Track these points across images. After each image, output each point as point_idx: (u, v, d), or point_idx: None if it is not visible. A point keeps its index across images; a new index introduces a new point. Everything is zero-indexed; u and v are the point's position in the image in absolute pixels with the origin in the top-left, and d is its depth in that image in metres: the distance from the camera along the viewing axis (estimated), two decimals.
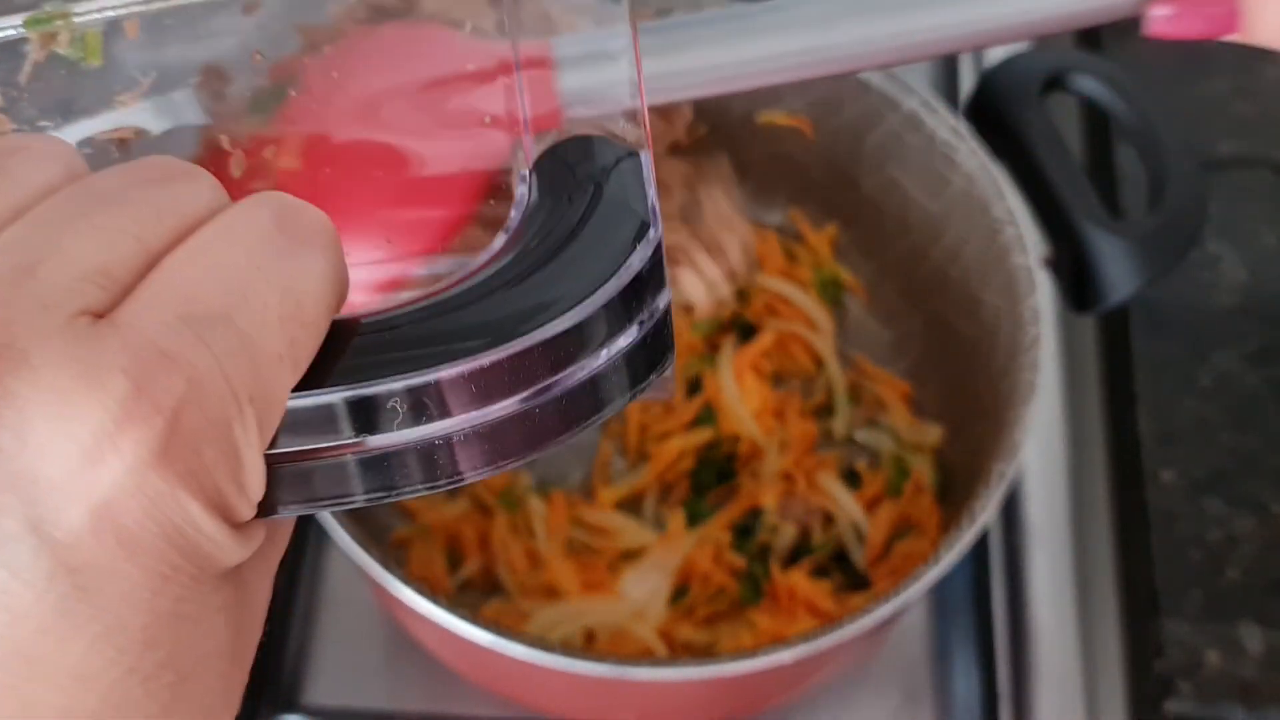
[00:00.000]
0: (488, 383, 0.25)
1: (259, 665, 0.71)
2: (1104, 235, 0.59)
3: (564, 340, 0.25)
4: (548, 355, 0.25)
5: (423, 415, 0.25)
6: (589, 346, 0.26)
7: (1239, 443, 0.68)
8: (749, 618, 0.62)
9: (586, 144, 0.29)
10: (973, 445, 0.62)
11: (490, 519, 0.65)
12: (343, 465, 0.25)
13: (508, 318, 0.25)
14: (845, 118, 0.66)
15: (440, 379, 0.25)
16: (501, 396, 0.25)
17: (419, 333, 0.26)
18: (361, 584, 0.68)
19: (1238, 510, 0.66)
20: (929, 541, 0.63)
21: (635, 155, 0.28)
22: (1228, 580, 0.64)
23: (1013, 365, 0.59)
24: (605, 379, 0.26)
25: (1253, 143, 0.76)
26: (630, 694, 0.57)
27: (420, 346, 0.25)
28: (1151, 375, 0.70)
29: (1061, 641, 0.67)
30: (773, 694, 0.62)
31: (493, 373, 0.25)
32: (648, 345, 0.27)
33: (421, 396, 0.25)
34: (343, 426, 0.25)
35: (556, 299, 0.26)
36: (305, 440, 0.25)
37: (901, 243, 0.69)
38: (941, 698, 0.67)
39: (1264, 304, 0.72)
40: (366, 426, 0.25)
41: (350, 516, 0.54)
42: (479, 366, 0.25)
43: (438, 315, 0.26)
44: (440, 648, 0.61)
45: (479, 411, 0.25)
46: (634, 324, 0.26)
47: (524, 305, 0.26)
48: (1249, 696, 0.61)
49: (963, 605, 0.68)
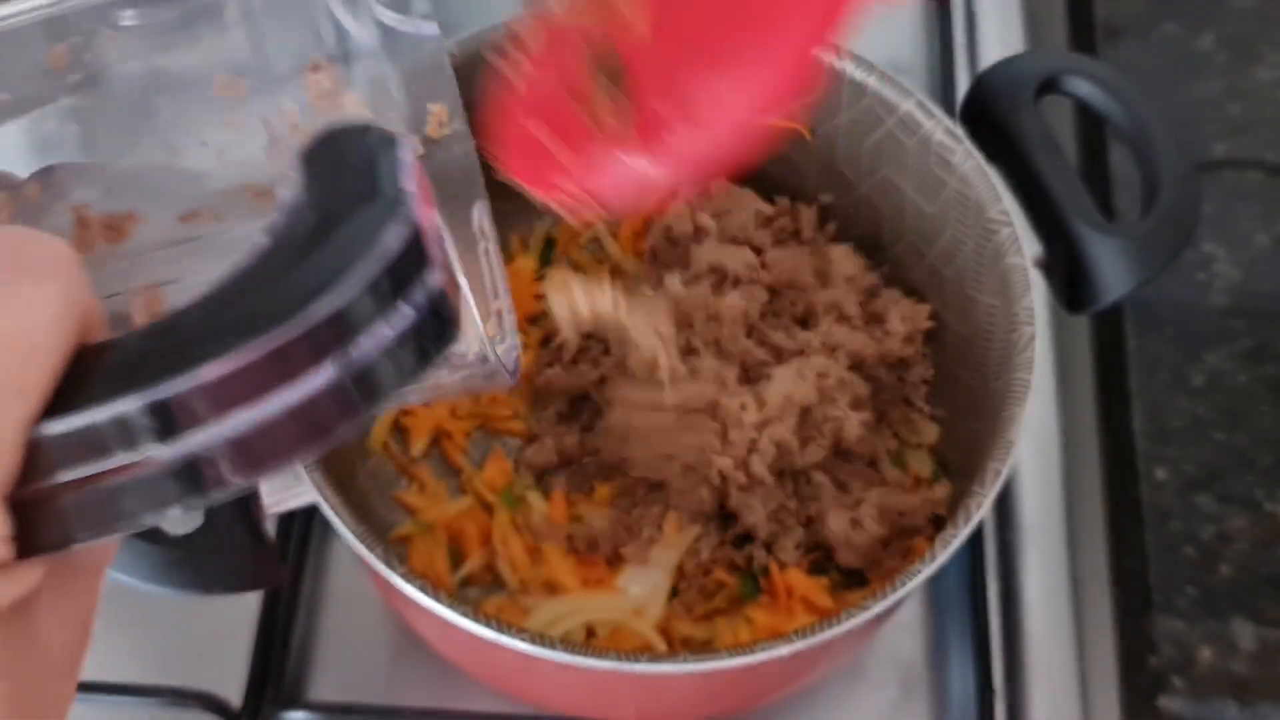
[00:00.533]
0: (250, 380, 0.25)
1: (262, 661, 0.71)
2: (1098, 236, 0.60)
3: (323, 329, 0.25)
4: (309, 345, 0.25)
5: (188, 422, 0.24)
6: (354, 331, 0.25)
7: (1231, 441, 0.68)
8: (747, 614, 0.63)
9: (351, 133, 0.29)
10: (968, 443, 0.62)
11: (491, 516, 0.66)
12: (121, 487, 0.25)
13: (262, 312, 0.25)
14: (842, 120, 0.66)
15: (196, 385, 0.24)
16: (268, 391, 0.25)
17: (170, 342, 0.25)
18: (365, 580, 0.68)
19: (1230, 508, 0.66)
20: (924, 538, 0.64)
21: (393, 140, 0.28)
22: (1220, 577, 0.65)
23: (1007, 364, 0.59)
24: (382, 363, 0.26)
25: (1245, 144, 0.77)
26: (630, 688, 0.58)
27: (169, 356, 0.25)
28: (1145, 374, 0.70)
29: (1056, 637, 0.67)
30: (770, 689, 0.62)
31: (254, 369, 0.24)
32: (425, 326, 0.26)
33: (181, 404, 0.24)
34: (107, 445, 0.24)
35: (311, 287, 0.25)
36: (72, 468, 0.24)
37: (898, 244, 0.69)
38: (937, 693, 0.67)
39: (1256, 303, 0.72)
40: (128, 442, 0.24)
41: (353, 514, 0.54)
42: (237, 366, 0.24)
43: (191, 320, 0.26)
44: (442, 643, 0.61)
45: (252, 408, 0.25)
46: (403, 305, 0.26)
47: (281, 297, 0.25)
48: (1242, 692, 0.62)
49: (958, 601, 0.69)
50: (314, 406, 0.26)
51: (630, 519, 0.64)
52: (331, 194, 0.27)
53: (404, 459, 0.68)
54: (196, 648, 0.67)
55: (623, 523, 0.64)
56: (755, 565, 0.63)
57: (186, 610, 0.67)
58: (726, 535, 0.64)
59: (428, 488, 0.67)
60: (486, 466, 0.67)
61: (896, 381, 0.68)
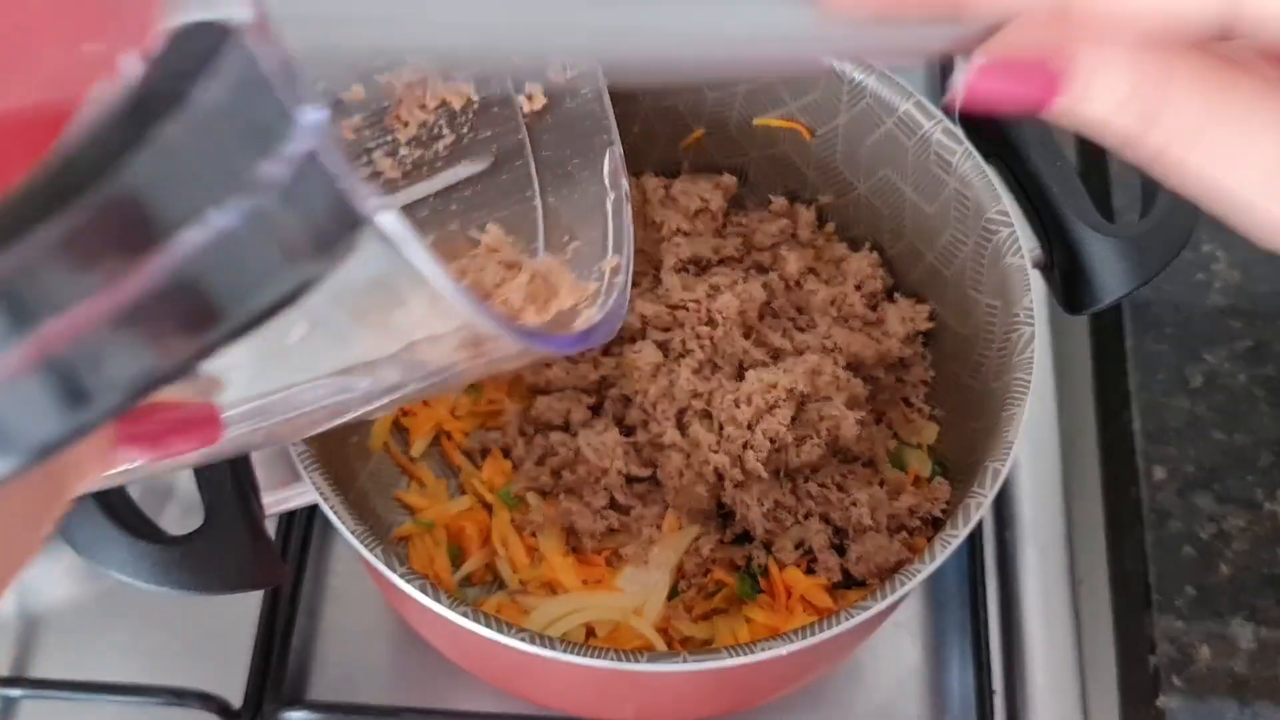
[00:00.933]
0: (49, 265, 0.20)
1: (262, 661, 0.72)
2: (1097, 236, 0.60)
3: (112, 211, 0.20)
4: (99, 235, 0.20)
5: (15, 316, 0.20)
6: (159, 217, 0.20)
7: (1230, 440, 0.68)
8: (746, 613, 0.63)
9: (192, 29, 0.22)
10: (967, 443, 0.62)
11: (491, 516, 0.66)
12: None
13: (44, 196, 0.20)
14: (841, 121, 0.66)
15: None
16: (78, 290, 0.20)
17: None
18: (365, 580, 0.68)
19: (1229, 507, 0.67)
20: (924, 538, 0.64)
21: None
22: (1219, 576, 0.65)
23: (1006, 364, 0.59)
24: (223, 257, 0.20)
25: None
26: (630, 687, 0.58)
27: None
28: (1144, 374, 0.71)
29: (1054, 637, 0.67)
30: (770, 688, 0.62)
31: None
32: (292, 204, 0.21)
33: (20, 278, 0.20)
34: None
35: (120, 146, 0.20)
36: None
37: (898, 244, 0.69)
38: (935, 693, 0.67)
39: (1255, 304, 0.72)
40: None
41: (353, 514, 0.54)
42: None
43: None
44: (443, 642, 0.62)
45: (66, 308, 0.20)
46: (250, 173, 0.20)
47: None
48: (1240, 692, 0.62)
49: (957, 601, 0.69)
50: (141, 312, 0.21)
51: (630, 519, 0.64)
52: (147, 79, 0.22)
53: (404, 458, 0.68)
54: (196, 648, 0.67)
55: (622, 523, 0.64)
56: (754, 565, 0.64)
57: (186, 610, 0.67)
58: (726, 535, 0.64)
59: (428, 487, 0.67)
60: (485, 467, 0.67)
61: (895, 382, 0.68)
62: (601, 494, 0.64)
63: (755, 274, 0.69)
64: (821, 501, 0.64)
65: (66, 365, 0.21)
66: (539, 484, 0.65)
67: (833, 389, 0.64)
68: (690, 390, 0.63)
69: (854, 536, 0.63)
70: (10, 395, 0.21)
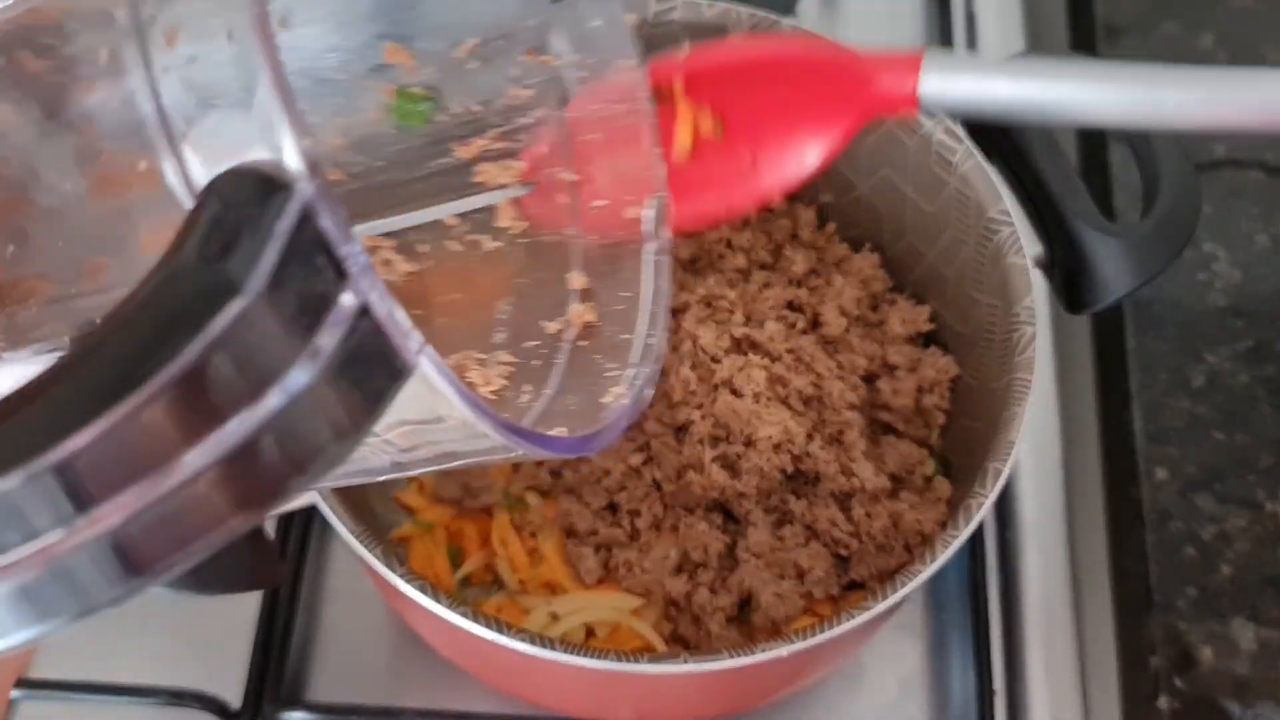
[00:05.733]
0: (129, 444, 0.21)
1: (262, 661, 0.72)
2: (1098, 236, 0.60)
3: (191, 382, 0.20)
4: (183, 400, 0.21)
5: (81, 497, 0.21)
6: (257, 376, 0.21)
7: (1232, 441, 0.68)
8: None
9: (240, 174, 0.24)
10: (968, 443, 0.62)
11: (491, 517, 0.66)
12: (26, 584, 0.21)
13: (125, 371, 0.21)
14: None
15: (67, 454, 0.20)
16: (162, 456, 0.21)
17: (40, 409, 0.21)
18: (365, 580, 0.68)
19: (1230, 508, 0.67)
20: (924, 538, 0.63)
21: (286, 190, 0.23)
22: (1221, 577, 0.65)
23: (1008, 364, 0.59)
24: (304, 411, 0.21)
25: (1245, 144, 0.77)
26: (629, 688, 0.58)
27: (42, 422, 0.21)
28: (1145, 374, 0.70)
29: (1056, 637, 0.67)
30: (769, 689, 0.62)
31: (119, 433, 0.20)
32: (354, 360, 0.22)
33: (65, 474, 0.21)
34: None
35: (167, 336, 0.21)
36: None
37: (898, 244, 0.69)
38: (937, 693, 0.67)
39: (1256, 303, 0.72)
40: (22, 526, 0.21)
41: (353, 514, 0.54)
42: (99, 433, 0.20)
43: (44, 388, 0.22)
44: (442, 643, 0.61)
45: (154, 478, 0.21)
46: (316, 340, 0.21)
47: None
48: (1242, 692, 0.62)
49: (958, 602, 0.69)
50: (234, 468, 0.22)
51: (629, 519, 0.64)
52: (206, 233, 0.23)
53: None
54: (196, 648, 0.67)
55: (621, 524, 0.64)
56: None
57: (186, 610, 0.66)
58: (726, 534, 0.64)
59: (427, 487, 0.67)
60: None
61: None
62: (601, 494, 0.64)
63: (756, 272, 0.69)
64: (825, 524, 0.63)
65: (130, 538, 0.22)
66: (539, 483, 0.65)
67: (841, 404, 0.64)
68: (690, 390, 0.63)
69: (855, 549, 0.62)
70: (82, 560, 0.22)
